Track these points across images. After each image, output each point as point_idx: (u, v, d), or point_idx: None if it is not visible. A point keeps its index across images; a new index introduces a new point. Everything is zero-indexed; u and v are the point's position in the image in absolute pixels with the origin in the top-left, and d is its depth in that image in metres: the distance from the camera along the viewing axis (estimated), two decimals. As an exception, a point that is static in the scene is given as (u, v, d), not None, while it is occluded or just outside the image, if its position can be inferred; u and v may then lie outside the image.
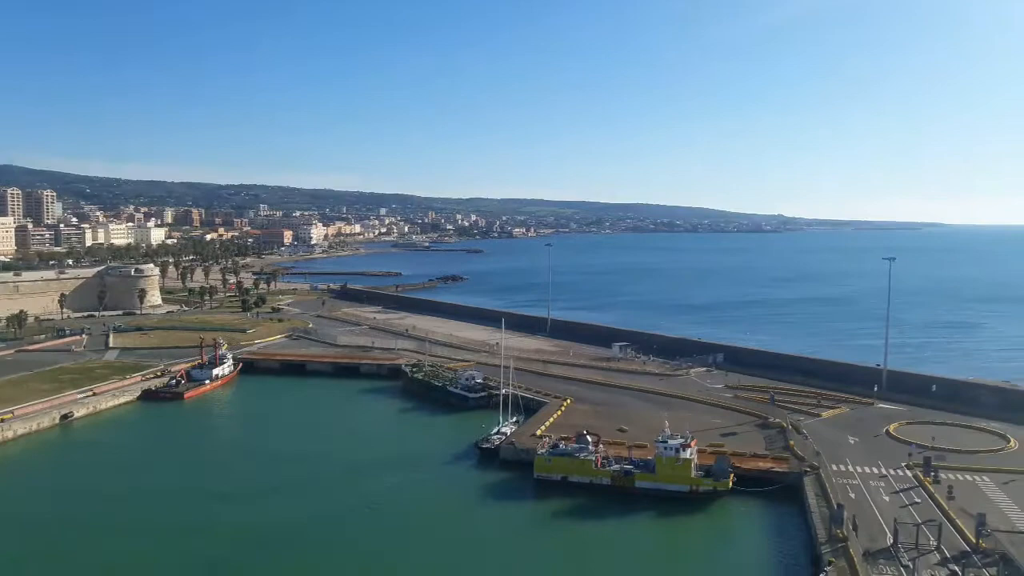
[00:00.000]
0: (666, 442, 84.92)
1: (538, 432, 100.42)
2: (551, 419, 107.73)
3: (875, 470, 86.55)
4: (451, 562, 68.60)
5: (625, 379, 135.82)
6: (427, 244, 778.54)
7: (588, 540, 74.60)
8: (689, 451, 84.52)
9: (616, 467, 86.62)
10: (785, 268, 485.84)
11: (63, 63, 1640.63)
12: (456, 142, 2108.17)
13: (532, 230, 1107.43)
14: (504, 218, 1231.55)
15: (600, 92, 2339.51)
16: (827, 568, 61.91)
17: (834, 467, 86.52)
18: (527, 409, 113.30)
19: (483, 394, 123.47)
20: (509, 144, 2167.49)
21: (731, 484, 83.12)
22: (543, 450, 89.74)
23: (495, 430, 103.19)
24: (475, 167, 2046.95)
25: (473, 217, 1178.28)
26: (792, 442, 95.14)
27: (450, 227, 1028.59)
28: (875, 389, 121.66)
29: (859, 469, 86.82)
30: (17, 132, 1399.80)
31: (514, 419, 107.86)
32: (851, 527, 68.40)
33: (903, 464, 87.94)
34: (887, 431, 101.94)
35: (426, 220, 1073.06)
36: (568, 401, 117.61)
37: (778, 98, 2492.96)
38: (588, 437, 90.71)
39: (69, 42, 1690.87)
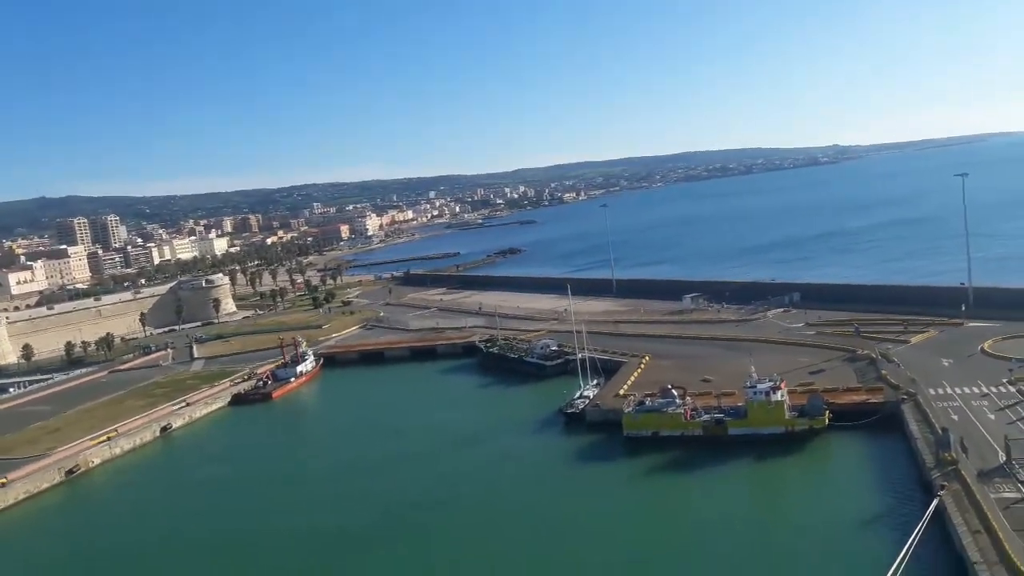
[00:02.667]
0: (755, 386, 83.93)
1: (621, 392, 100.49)
2: (632, 378, 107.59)
3: (975, 390, 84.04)
4: (556, 525, 69.50)
5: (701, 329, 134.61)
6: (480, 221, 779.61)
7: (688, 491, 74.80)
8: (780, 393, 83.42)
9: (706, 417, 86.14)
10: (849, 197, 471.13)
11: (105, 93, 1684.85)
12: (495, 116, 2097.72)
13: (582, 193, 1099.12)
14: (553, 185, 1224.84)
15: (634, 41, 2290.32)
16: (940, 493, 60.60)
17: (932, 391, 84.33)
18: (606, 371, 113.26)
19: (559, 361, 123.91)
20: (549, 111, 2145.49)
21: (827, 421, 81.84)
22: (629, 408, 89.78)
23: (577, 394, 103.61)
24: (518, 139, 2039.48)
25: (522, 188, 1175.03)
26: (884, 371, 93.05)
27: (500, 201, 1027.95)
28: (962, 308, 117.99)
29: (958, 390, 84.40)
30: (75, 163, 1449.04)
31: (595, 382, 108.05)
32: (960, 449, 66.71)
33: (1004, 380, 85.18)
34: (981, 349, 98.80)
35: (475, 197, 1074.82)
36: (646, 358, 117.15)
37: (819, 16, 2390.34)
38: (673, 391, 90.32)
39: (109, 73, 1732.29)
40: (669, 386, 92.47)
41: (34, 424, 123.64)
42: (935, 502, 59.41)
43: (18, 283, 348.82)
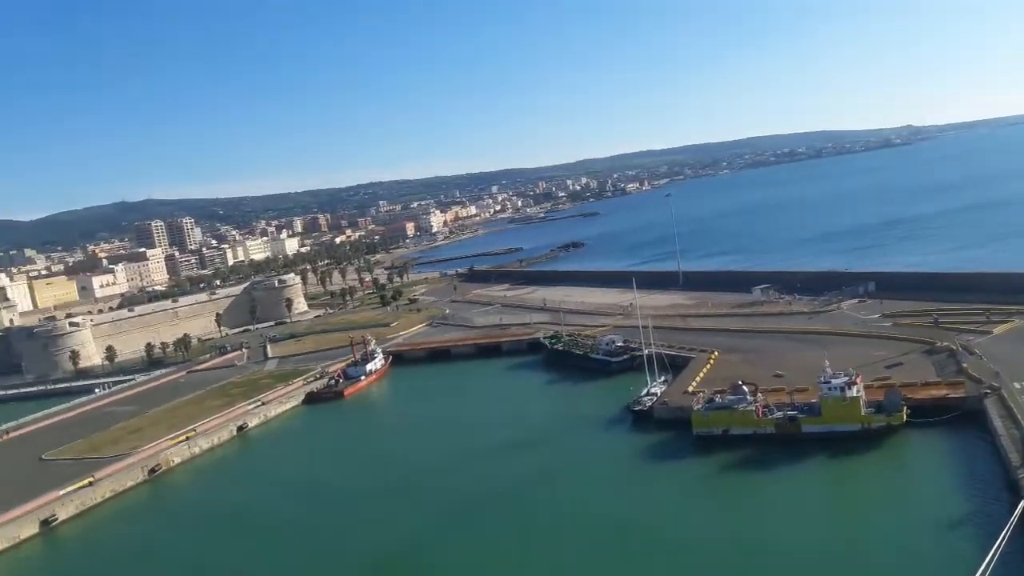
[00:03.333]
0: (829, 382, 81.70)
1: (690, 388, 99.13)
2: (701, 373, 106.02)
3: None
4: (624, 526, 69.10)
5: (772, 322, 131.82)
6: (542, 215, 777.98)
7: (761, 492, 73.38)
8: (855, 388, 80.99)
9: (779, 414, 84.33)
10: (925, 180, 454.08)
11: (178, 100, 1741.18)
12: (556, 108, 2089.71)
13: (646, 183, 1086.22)
14: (615, 176, 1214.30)
15: (694, 24, 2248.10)
16: (1029, 494, 57.98)
17: (1017, 385, 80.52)
18: (673, 366, 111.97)
19: (626, 357, 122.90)
20: (610, 100, 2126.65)
21: (905, 417, 79.18)
22: (699, 406, 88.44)
23: (645, 391, 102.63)
24: (579, 130, 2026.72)
25: (584, 180, 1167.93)
26: (965, 364, 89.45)
27: (562, 194, 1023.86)
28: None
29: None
30: (151, 168, 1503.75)
31: (662, 378, 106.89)
32: (1049, 448, 63.69)
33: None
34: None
35: (537, 191, 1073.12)
36: (715, 353, 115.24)
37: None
38: (744, 387, 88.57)
39: (180, 80, 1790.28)
40: (740, 382, 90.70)
41: (118, 424, 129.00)
42: (1023, 503, 56.84)
43: (101, 286, 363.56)
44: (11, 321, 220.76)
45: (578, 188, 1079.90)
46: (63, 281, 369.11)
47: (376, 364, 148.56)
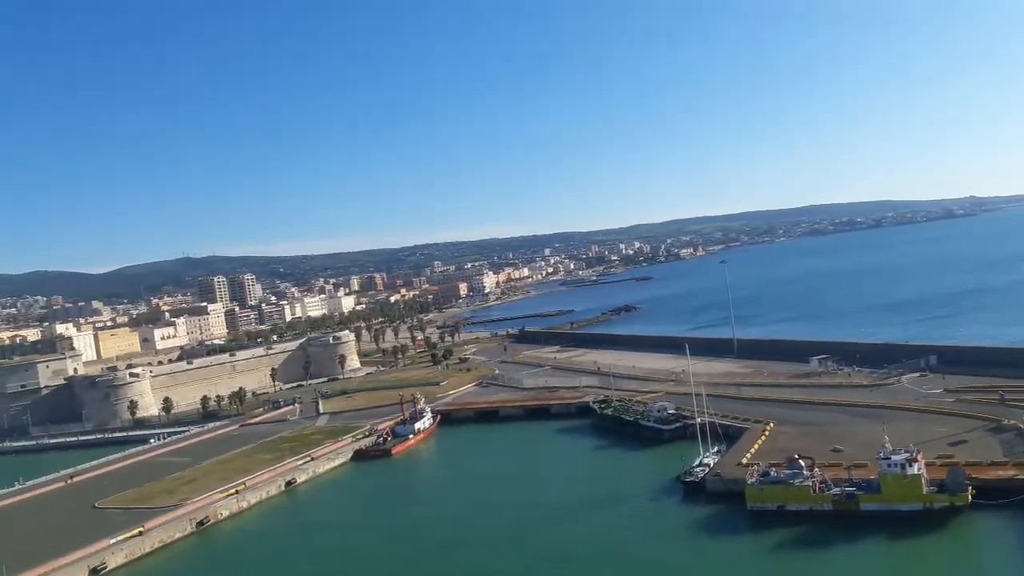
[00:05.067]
0: (889, 458, 78.69)
1: (744, 460, 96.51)
2: (756, 445, 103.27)
3: None
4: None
5: (830, 394, 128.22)
6: (594, 278, 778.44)
7: (819, 571, 70.44)
8: (916, 465, 77.84)
9: (836, 490, 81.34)
10: (989, 251, 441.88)
11: (243, 163, 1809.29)
12: (609, 172, 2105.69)
13: (700, 249, 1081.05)
14: (669, 241, 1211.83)
15: (752, 90, 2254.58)
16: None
17: (1093, 470, 76.65)
18: (727, 437, 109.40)
19: (678, 425, 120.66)
20: (664, 166, 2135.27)
21: (970, 498, 75.60)
22: (753, 479, 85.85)
23: (697, 462, 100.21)
24: (632, 194, 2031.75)
25: (637, 245, 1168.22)
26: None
27: (615, 258, 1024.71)
28: None
29: (1126, 470, 76.35)
30: (216, 226, 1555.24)
31: (715, 449, 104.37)
32: None
33: None
34: None
35: (590, 254, 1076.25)
36: (771, 425, 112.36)
37: (951, 57, 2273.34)
38: (800, 461, 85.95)
39: (245, 144, 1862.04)
40: (796, 456, 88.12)
41: (170, 475, 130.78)
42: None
43: (162, 338, 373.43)
44: (75, 370, 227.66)
45: (631, 252, 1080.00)
46: (126, 332, 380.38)
47: (425, 423, 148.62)
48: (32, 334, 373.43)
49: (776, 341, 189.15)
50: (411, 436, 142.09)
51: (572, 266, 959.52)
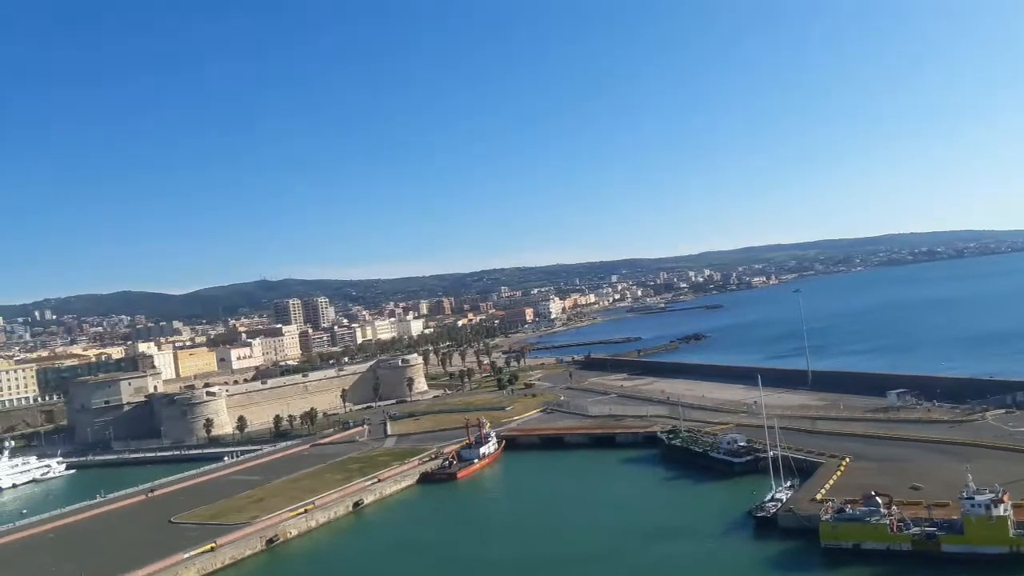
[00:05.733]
0: (973, 498, 75.22)
1: (818, 496, 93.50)
2: (830, 480, 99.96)
3: None
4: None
5: (909, 430, 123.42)
6: (663, 305, 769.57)
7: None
8: (1003, 506, 74.19)
9: (916, 530, 78.02)
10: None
11: (320, 191, 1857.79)
12: (679, 198, 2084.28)
13: (773, 277, 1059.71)
14: (740, 269, 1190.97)
15: (827, 115, 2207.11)
16: None
17: None
18: (800, 471, 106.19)
19: (749, 458, 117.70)
20: (736, 192, 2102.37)
21: (1063, 544, 71.56)
22: (827, 515, 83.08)
23: (768, 496, 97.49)
24: (702, 221, 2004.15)
25: (707, 272, 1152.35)
26: None
27: (684, 285, 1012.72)
28: None
29: None
30: (292, 251, 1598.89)
31: (788, 483, 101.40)
32: None
33: None
34: None
35: (658, 281, 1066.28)
36: (846, 459, 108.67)
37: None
38: (878, 498, 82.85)
39: (321, 174, 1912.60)
40: (873, 493, 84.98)
41: (243, 492, 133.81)
42: None
43: (239, 359, 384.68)
44: (155, 388, 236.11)
45: (701, 280, 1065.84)
46: (204, 352, 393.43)
47: (490, 448, 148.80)
48: (116, 352, 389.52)
49: (852, 373, 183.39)
50: (476, 460, 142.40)
51: (640, 293, 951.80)
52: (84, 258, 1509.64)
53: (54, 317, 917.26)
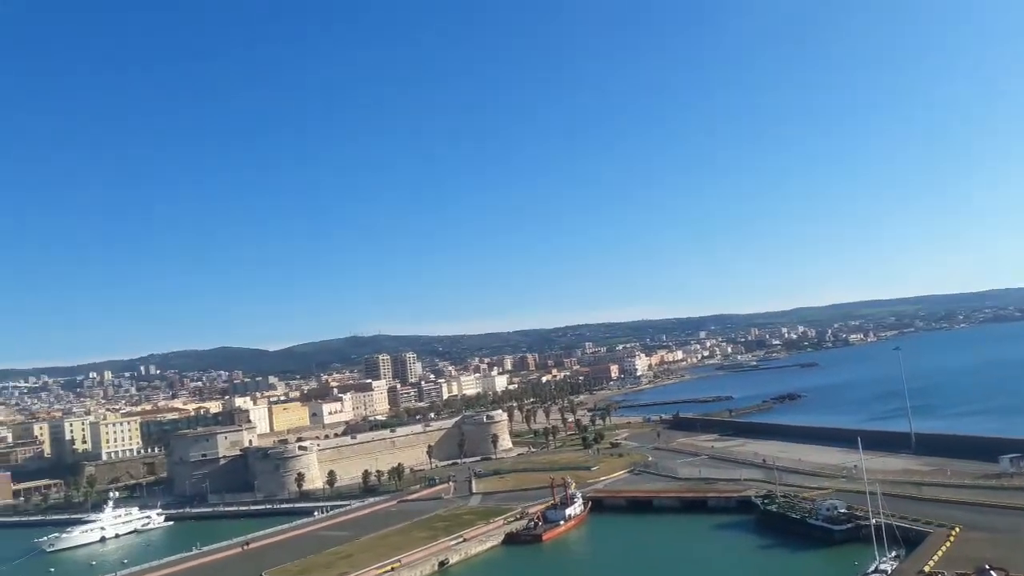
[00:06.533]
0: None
1: (926, 568, 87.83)
2: (939, 552, 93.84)
3: None
4: None
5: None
6: (754, 363, 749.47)
7: None
8: None
9: (1037, 610, 72.32)
10: None
11: (409, 255, 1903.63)
12: (769, 252, 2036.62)
13: (871, 334, 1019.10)
14: (836, 325, 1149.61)
15: (927, 166, 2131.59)
16: None
17: None
18: (906, 540, 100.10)
19: (850, 525, 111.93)
20: (830, 245, 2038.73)
21: None
22: (937, 590, 78.07)
23: (872, 567, 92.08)
24: (795, 275, 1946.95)
25: (800, 329, 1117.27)
26: None
27: (776, 342, 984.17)
28: None
29: None
30: (382, 308, 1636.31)
31: (892, 553, 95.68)
32: None
33: None
34: None
35: (749, 338, 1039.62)
36: (957, 529, 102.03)
37: None
38: (992, 572, 77.42)
39: (410, 240, 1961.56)
40: (987, 566, 79.49)
41: (332, 548, 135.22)
42: None
43: (330, 413, 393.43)
44: (250, 441, 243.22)
45: (794, 337, 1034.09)
46: (297, 407, 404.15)
47: (575, 509, 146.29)
48: (214, 406, 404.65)
49: (960, 436, 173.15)
50: (562, 522, 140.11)
51: (730, 350, 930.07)
52: (186, 316, 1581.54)
53: (158, 372, 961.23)
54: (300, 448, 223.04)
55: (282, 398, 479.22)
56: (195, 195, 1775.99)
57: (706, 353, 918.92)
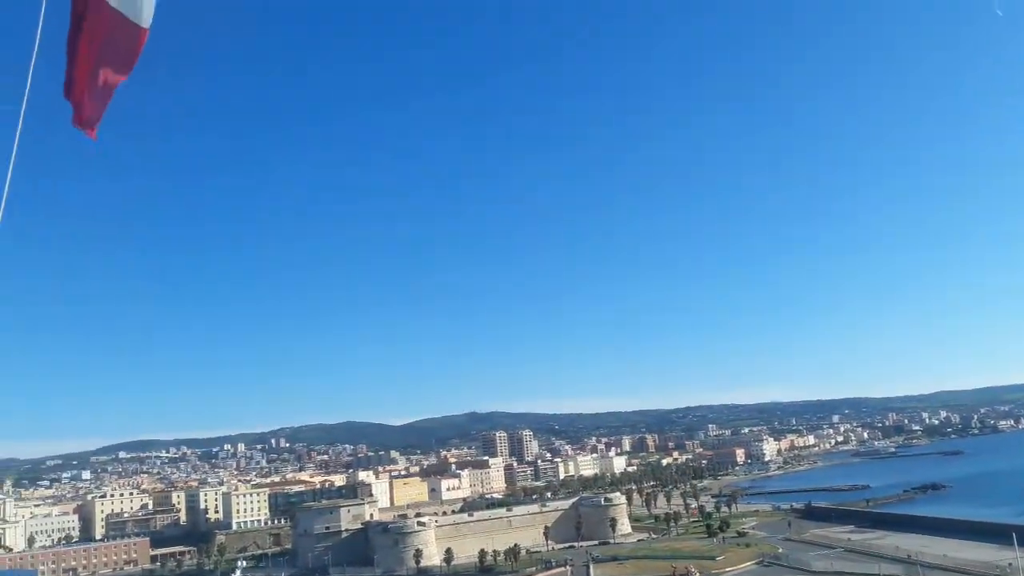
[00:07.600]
0: None
1: None
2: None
3: None
4: None
5: None
6: (892, 449, 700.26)
7: None
8: None
9: None
10: None
11: (523, 333, 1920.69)
12: (910, 333, 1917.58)
13: (1022, 421, 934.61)
14: (983, 411, 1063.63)
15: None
16: None
17: None
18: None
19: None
20: (975, 326, 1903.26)
21: None
22: None
23: None
24: (936, 357, 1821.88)
25: (943, 413, 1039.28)
26: None
27: (916, 427, 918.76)
28: None
29: None
30: (501, 385, 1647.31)
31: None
32: None
33: None
34: None
35: (886, 423, 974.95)
36: None
37: None
38: None
39: (527, 319, 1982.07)
40: None
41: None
42: None
43: (448, 489, 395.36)
44: (372, 515, 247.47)
45: (936, 422, 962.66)
46: (417, 482, 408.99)
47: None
48: (339, 479, 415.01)
49: None
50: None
51: (865, 435, 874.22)
52: (315, 391, 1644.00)
53: (287, 445, 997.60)
54: (419, 524, 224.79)
55: (403, 472, 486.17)
56: (323, 283, 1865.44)
57: (840, 438, 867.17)
